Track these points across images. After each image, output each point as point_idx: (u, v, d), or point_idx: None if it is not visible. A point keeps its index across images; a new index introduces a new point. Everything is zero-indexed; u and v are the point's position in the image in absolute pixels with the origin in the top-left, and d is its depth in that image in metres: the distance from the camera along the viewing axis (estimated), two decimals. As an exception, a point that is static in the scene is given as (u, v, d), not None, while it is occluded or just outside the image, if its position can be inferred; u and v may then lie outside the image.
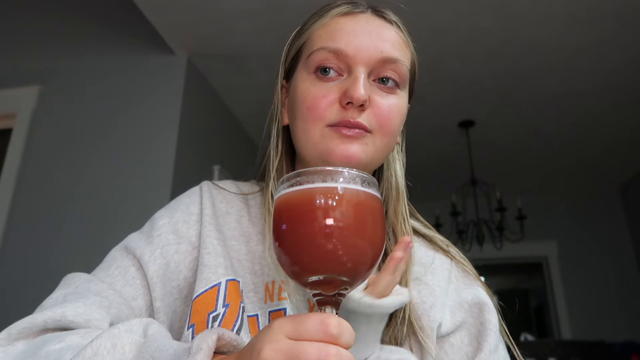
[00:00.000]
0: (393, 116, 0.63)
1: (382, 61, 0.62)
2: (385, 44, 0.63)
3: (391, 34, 0.65)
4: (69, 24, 2.43)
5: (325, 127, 0.61)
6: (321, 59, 0.63)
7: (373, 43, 0.63)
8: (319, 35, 0.65)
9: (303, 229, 0.40)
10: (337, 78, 0.63)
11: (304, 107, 0.63)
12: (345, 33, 0.63)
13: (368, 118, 0.61)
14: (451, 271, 0.69)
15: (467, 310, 0.65)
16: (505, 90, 2.95)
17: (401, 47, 0.66)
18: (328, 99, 0.61)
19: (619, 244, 4.26)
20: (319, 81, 0.63)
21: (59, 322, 0.50)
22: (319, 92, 0.62)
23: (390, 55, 0.63)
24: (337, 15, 0.65)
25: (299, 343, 0.36)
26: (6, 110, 2.61)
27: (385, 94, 0.63)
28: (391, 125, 0.63)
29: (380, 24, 0.65)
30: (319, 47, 0.63)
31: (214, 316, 0.58)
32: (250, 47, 2.51)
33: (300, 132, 0.64)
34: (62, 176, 2.41)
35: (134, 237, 0.66)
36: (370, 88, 0.62)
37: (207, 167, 2.72)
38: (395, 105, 0.63)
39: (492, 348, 0.61)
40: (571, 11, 2.29)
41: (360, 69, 0.61)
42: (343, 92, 0.61)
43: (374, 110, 0.62)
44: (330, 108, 0.61)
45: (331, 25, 0.65)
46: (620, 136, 3.47)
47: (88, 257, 2.14)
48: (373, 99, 0.62)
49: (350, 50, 0.62)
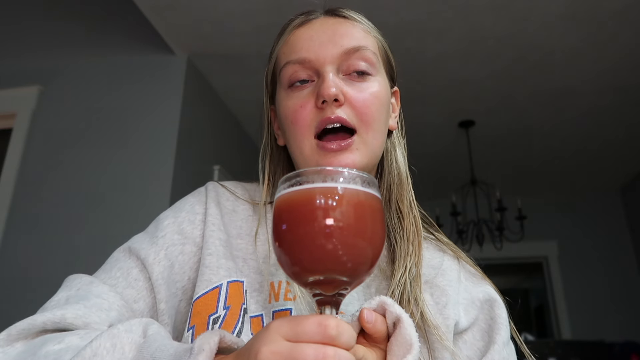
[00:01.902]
0: (370, 103, 0.64)
1: (345, 54, 0.64)
2: (344, 38, 0.65)
3: (348, 28, 0.66)
4: (69, 24, 2.44)
5: (314, 140, 0.62)
6: (290, 72, 0.65)
7: (331, 40, 0.64)
8: (282, 52, 0.68)
9: (303, 229, 0.40)
10: (310, 85, 0.64)
11: (289, 122, 0.64)
12: (303, 41, 0.65)
13: (347, 112, 0.62)
14: (460, 271, 0.69)
15: (479, 307, 0.66)
16: (505, 90, 2.95)
17: (362, 36, 0.67)
18: (306, 108, 0.63)
19: (619, 244, 4.26)
20: (294, 93, 0.65)
21: (59, 324, 0.50)
22: (296, 103, 0.64)
23: (350, 46, 0.64)
24: (293, 29, 0.68)
25: (297, 345, 0.36)
26: (6, 110, 2.61)
27: (358, 83, 0.64)
28: (371, 112, 0.64)
29: (335, 21, 0.67)
30: (285, 62, 0.66)
31: (214, 318, 0.57)
32: (250, 47, 2.51)
33: (294, 148, 0.65)
34: (62, 176, 2.41)
35: (138, 238, 0.66)
36: (342, 83, 0.63)
37: (207, 167, 2.72)
38: (370, 93, 0.64)
39: (504, 341, 0.63)
40: (571, 11, 2.29)
41: (326, 68, 0.63)
42: (316, 94, 0.62)
43: (351, 103, 0.63)
44: (310, 114, 0.62)
45: (291, 39, 0.67)
46: (620, 136, 3.47)
47: (88, 258, 2.15)
48: (347, 92, 0.63)
49: (311, 55, 0.64)
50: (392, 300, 0.47)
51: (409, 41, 2.44)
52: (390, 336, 0.46)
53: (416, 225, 0.67)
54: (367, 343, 0.46)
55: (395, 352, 0.45)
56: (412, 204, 0.69)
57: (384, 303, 0.46)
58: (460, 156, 3.60)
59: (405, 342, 0.45)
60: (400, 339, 0.45)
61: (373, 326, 0.44)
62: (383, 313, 0.46)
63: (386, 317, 0.46)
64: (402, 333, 0.45)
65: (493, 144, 3.62)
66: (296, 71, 0.64)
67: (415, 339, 0.45)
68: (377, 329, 0.45)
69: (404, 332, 0.45)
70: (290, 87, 0.65)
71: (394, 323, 0.46)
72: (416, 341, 0.45)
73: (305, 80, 0.64)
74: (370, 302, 0.47)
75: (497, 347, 0.62)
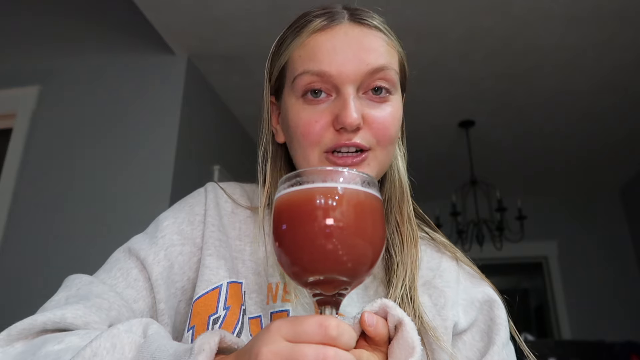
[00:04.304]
0: (389, 125, 0.61)
1: (369, 74, 0.60)
2: (370, 54, 0.60)
3: (374, 41, 0.62)
4: (69, 24, 2.44)
5: (323, 153, 0.60)
6: (306, 82, 0.60)
7: (356, 56, 0.60)
8: (298, 55, 0.62)
9: (303, 229, 0.40)
10: (327, 99, 0.61)
11: (297, 132, 0.61)
12: (325, 52, 0.60)
13: (364, 136, 0.60)
14: (458, 272, 0.69)
15: (478, 308, 0.65)
16: (505, 90, 2.95)
17: (387, 51, 0.63)
18: (320, 124, 0.60)
19: (619, 244, 4.26)
20: (308, 105, 0.61)
21: (59, 323, 0.50)
22: (310, 117, 0.60)
23: (377, 65, 0.60)
24: (313, 32, 0.62)
25: (297, 345, 0.36)
26: (6, 110, 2.60)
27: (378, 104, 0.61)
28: (389, 135, 0.62)
29: (360, 32, 0.62)
30: (302, 70, 0.61)
31: (214, 318, 0.57)
32: (250, 47, 2.51)
33: (299, 157, 0.63)
34: (62, 176, 2.41)
35: (138, 238, 0.66)
36: (362, 103, 0.60)
37: (207, 167, 2.72)
38: (390, 114, 0.62)
39: (504, 342, 0.63)
40: (571, 11, 2.29)
41: (347, 88, 0.59)
42: (335, 116, 0.59)
43: (369, 126, 0.60)
44: (324, 132, 0.60)
45: (309, 44, 0.62)
46: (620, 136, 3.47)
47: (88, 257, 2.14)
48: (366, 114, 0.60)
49: (333, 70, 0.59)
50: (393, 303, 0.46)
51: (409, 41, 2.43)
52: (392, 339, 0.46)
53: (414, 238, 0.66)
54: (368, 346, 0.45)
55: (397, 355, 0.45)
56: (411, 215, 0.68)
57: (386, 306, 0.46)
58: (460, 156, 3.60)
59: (407, 346, 0.44)
60: (403, 342, 0.45)
61: (374, 329, 0.44)
62: (384, 316, 0.46)
63: (388, 320, 0.46)
64: (404, 336, 0.45)
65: (493, 144, 3.62)
66: (313, 82, 0.60)
67: (418, 342, 0.45)
68: (379, 332, 0.44)
69: (406, 335, 0.45)
70: (304, 96, 0.61)
71: (395, 326, 0.46)
72: (418, 344, 0.44)
73: (321, 91, 0.60)
74: (371, 305, 0.47)
75: (497, 347, 0.62)
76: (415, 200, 0.72)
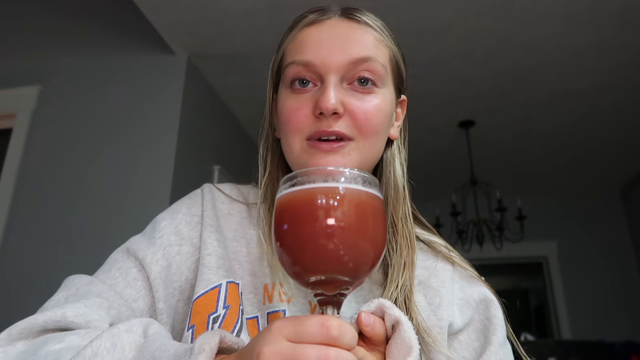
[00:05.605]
0: (371, 116, 0.62)
1: (352, 64, 0.61)
2: (354, 46, 0.62)
3: (360, 34, 0.64)
4: (69, 24, 2.44)
5: (305, 141, 0.61)
6: (293, 72, 0.63)
7: (340, 47, 0.62)
8: (289, 49, 0.66)
9: (304, 229, 0.40)
10: (312, 89, 0.63)
11: (284, 120, 0.63)
12: (311, 43, 0.63)
13: (345, 124, 0.61)
14: (454, 271, 0.69)
15: (474, 307, 0.65)
16: (505, 90, 2.95)
17: (374, 45, 0.64)
18: (303, 112, 0.61)
19: (619, 244, 4.26)
20: (294, 94, 0.63)
21: (59, 322, 0.50)
22: (293, 105, 0.62)
23: (360, 56, 0.62)
24: (304, 26, 0.65)
25: (299, 346, 0.36)
26: (6, 110, 2.61)
27: (362, 95, 0.62)
28: (371, 126, 0.62)
29: (348, 26, 0.64)
30: (290, 61, 0.64)
31: (214, 317, 0.58)
32: (250, 47, 2.51)
33: (285, 146, 0.65)
34: (62, 176, 2.41)
35: (136, 239, 0.66)
36: (344, 93, 0.62)
37: (207, 167, 2.72)
38: (374, 106, 0.62)
39: (501, 342, 0.62)
40: (571, 11, 2.29)
41: (329, 77, 0.61)
42: (315, 103, 0.61)
43: (350, 115, 0.61)
44: (306, 119, 0.61)
45: (299, 37, 0.65)
46: (620, 136, 3.47)
47: (88, 257, 2.14)
48: (348, 103, 0.61)
49: (317, 60, 0.62)
50: (390, 303, 0.46)
51: (409, 41, 2.44)
52: (389, 339, 0.46)
53: (410, 239, 0.65)
54: (366, 346, 0.45)
55: (395, 354, 0.45)
56: (408, 217, 0.67)
57: (383, 305, 0.46)
58: (460, 156, 3.59)
59: (404, 345, 0.45)
60: (400, 342, 0.45)
61: (371, 329, 0.44)
62: (381, 316, 0.46)
63: (385, 319, 0.46)
64: (401, 336, 0.45)
65: (493, 144, 3.62)
66: (300, 72, 0.62)
67: (415, 341, 0.45)
68: (376, 331, 0.45)
69: (403, 335, 0.45)
70: (291, 86, 0.63)
71: (392, 326, 0.46)
72: (416, 344, 0.45)
73: (307, 81, 0.63)
74: (368, 305, 0.47)
75: (494, 347, 0.61)
76: (416, 201, 0.71)
